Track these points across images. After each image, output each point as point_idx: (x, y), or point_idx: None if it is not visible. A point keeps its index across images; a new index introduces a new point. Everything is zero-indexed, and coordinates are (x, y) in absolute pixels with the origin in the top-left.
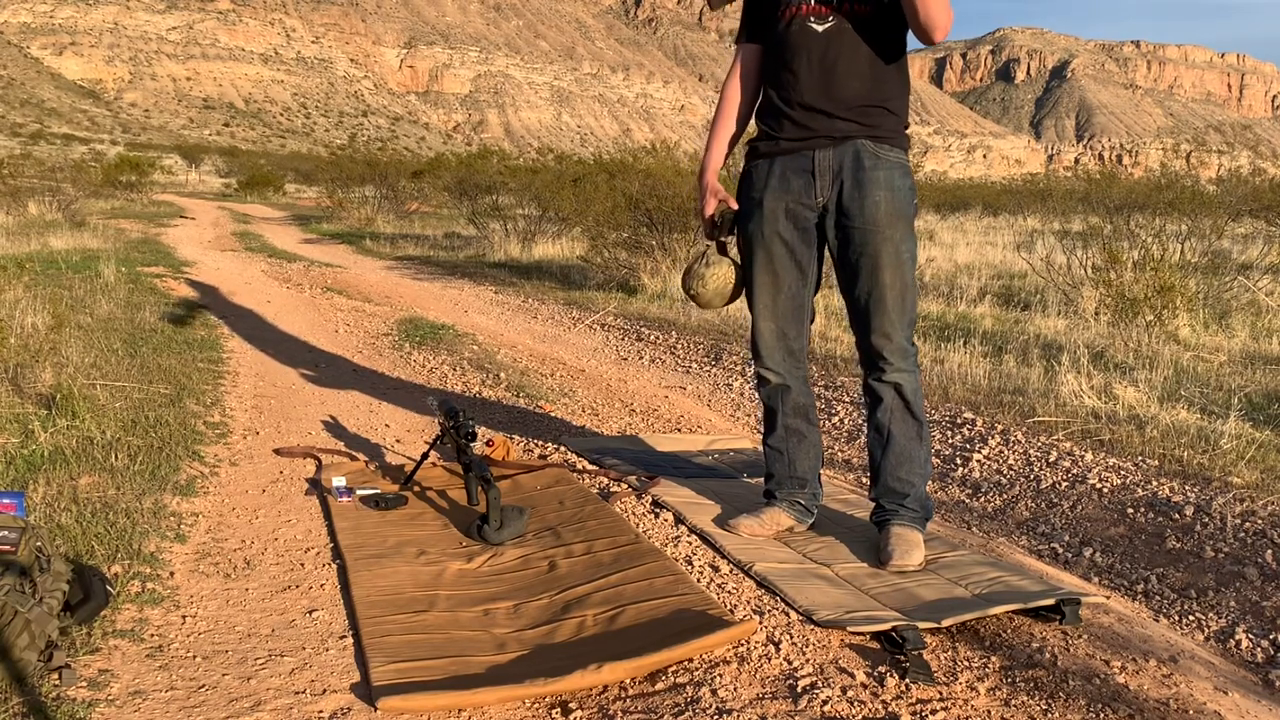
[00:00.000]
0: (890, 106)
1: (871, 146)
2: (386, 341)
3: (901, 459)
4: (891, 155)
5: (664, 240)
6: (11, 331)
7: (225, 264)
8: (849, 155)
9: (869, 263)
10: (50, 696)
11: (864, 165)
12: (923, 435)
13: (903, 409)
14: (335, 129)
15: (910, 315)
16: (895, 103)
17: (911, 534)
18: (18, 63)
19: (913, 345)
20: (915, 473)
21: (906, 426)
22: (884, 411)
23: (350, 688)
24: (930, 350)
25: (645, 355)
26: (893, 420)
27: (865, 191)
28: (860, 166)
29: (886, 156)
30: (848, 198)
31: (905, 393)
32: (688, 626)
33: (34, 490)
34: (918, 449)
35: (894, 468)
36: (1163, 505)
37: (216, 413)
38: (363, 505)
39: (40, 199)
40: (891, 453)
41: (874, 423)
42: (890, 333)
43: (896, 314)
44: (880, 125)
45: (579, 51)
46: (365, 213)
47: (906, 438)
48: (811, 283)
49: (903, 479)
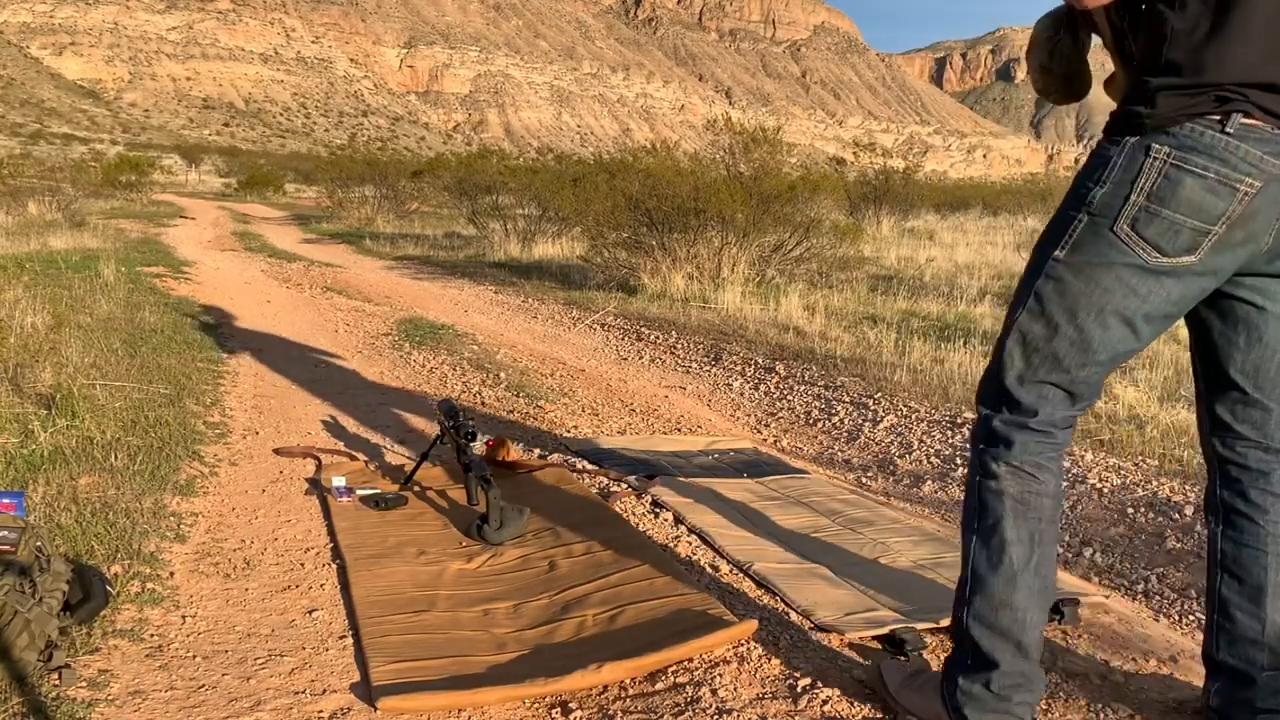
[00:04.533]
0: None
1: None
2: (386, 341)
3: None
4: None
5: (664, 240)
6: (11, 331)
7: (225, 264)
8: None
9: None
10: (50, 696)
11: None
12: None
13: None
14: (335, 129)
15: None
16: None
17: None
18: (17, 62)
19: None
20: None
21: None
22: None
23: (350, 688)
24: (930, 350)
25: (645, 355)
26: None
27: None
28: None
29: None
30: None
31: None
32: (687, 626)
33: (34, 490)
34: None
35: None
36: (1163, 505)
37: (216, 413)
38: (363, 505)
39: (40, 199)
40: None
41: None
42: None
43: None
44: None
45: (579, 51)
46: (365, 212)
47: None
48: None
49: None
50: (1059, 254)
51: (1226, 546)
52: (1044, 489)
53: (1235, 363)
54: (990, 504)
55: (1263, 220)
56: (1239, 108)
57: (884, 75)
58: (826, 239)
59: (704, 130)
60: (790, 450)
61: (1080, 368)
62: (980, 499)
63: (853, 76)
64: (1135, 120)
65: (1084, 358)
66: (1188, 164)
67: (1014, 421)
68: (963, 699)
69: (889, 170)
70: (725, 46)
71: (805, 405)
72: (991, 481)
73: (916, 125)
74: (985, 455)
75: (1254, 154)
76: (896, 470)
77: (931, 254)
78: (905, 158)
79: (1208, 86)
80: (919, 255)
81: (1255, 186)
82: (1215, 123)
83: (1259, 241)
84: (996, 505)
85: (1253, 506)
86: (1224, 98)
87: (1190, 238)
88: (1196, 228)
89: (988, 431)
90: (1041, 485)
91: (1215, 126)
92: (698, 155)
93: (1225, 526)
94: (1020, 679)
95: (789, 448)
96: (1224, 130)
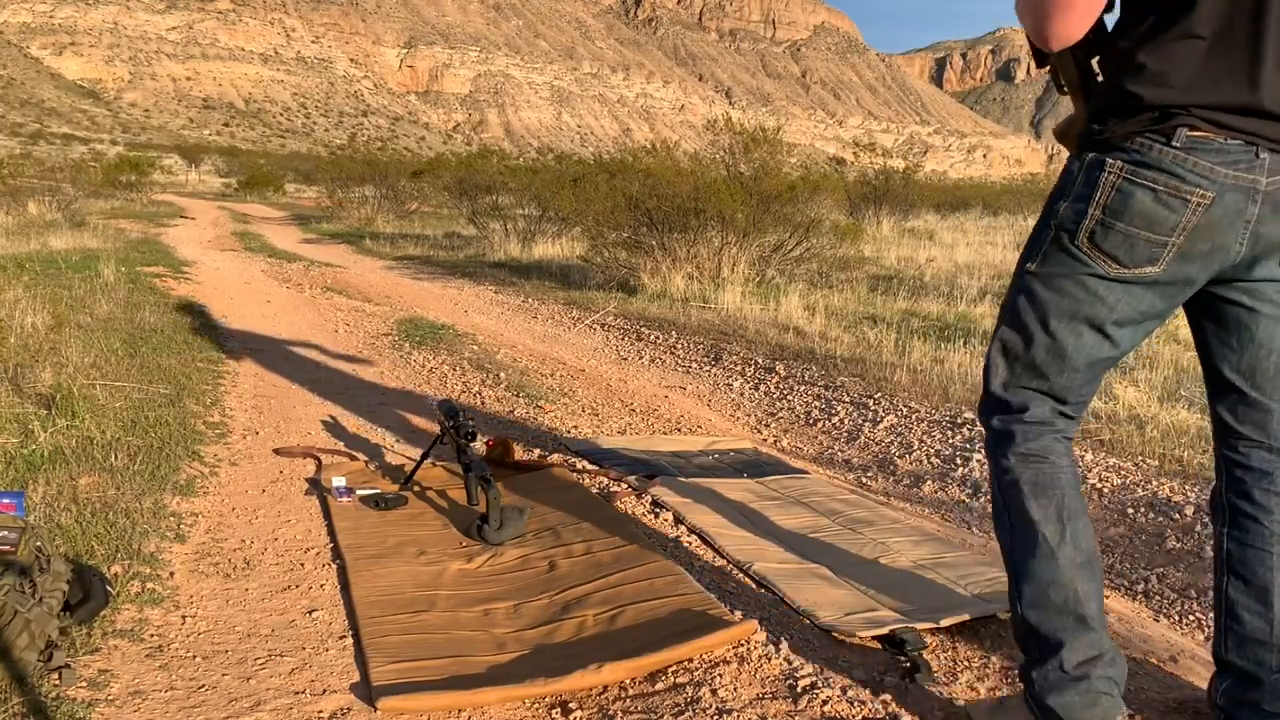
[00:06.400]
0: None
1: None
2: (386, 341)
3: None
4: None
5: (664, 240)
6: (11, 331)
7: (225, 264)
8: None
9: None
10: (50, 696)
11: None
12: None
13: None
14: (335, 129)
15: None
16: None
17: None
18: (18, 62)
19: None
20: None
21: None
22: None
23: (350, 688)
24: (930, 350)
25: (645, 355)
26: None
27: None
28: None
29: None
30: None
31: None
32: (688, 626)
33: (34, 490)
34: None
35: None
36: (1163, 505)
37: (216, 413)
38: (363, 505)
39: (40, 199)
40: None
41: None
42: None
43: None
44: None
45: (579, 51)
46: (365, 213)
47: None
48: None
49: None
50: (1031, 266)
51: (1232, 547)
52: (1057, 467)
53: (1230, 364)
54: (1009, 494)
55: (1228, 230)
56: (1183, 122)
57: (884, 75)
58: (826, 239)
59: (704, 130)
60: (790, 450)
61: (1059, 374)
62: (1001, 494)
63: (853, 76)
64: (1094, 138)
65: (1061, 364)
66: (1139, 177)
67: (1010, 419)
68: (1041, 690)
69: (889, 170)
70: (725, 46)
71: (805, 405)
72: (1005, 475)
73: (916, 125)
74: (994, 454)
75: (1203, 165)
76: (896, 470)
77: (931, 254)
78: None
79: (1154, 104)
80: (919, 255)
81: (1208, 197)
82: (1162, 138)
83: (1229, 251)
84: (1015, 493)
85: (1257, 507)
86: (1169, 113)
87: (1147, 249)
88: (1152, 239)
89: (991, 434)
90: (1052, 464)
91: (1162, 141)
92: (698, 155)
93: (1230, 527)
94: (1091, 651)
95: (789, 448)
96: (1170, 144)
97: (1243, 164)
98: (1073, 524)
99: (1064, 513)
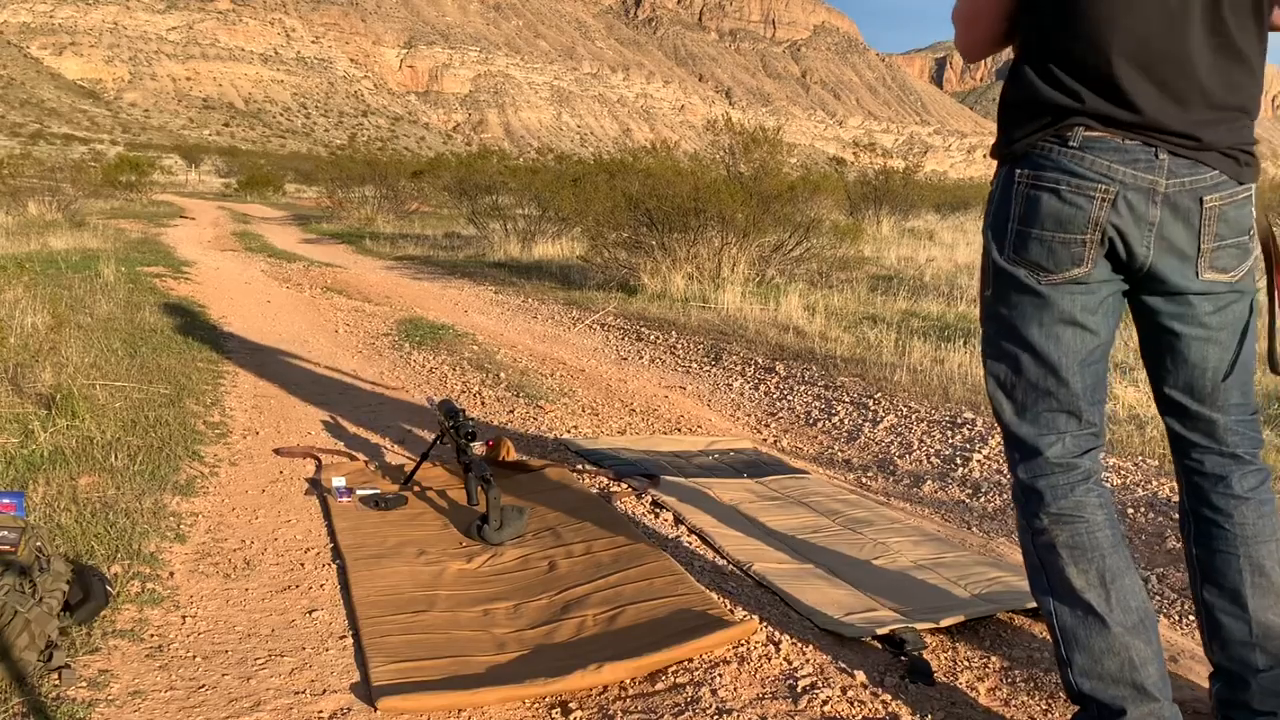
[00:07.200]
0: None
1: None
2: (386, 341)
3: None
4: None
5: (664, 240)
6: (11, 331)
7: (225, 264)
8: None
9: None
10: (50, 696)
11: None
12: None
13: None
14: (335, 129)
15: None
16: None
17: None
18: (18, 63)
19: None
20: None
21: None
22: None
23: (350, 688)
24: (930, 350)
25: (645, 355)
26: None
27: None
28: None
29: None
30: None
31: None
32: (688, 626)
33: (34, 490)
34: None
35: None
36: (1163, 505)
37: (216, 413)
38: (363, 505)
39: (40, 199)
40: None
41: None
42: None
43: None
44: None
45: (579, 51)
46: (365, 213)
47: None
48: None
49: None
50: (988, 293)
51: (1201, 554)
52: (1093, 526)
53: (1169, 383)
54: (1047, 559)
55: (1133, 229)
56: (1078, 122)
57: (884, 75)
58: (826, 239)
59: (704, 130)
60: (790, 450)
61: (1059, 386)
62: (1038, 557)
63: (853, 76)
64: (1002, 150)
65: (1056, 375)
66: (1042, 181)
67: (1034, 470)
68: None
69: (889, 170)
70: (725, 46)
71: (805, 405)
72: (1041, 536)
73: (916, 125)
74: (1026, 514)
75: (1101, 163)
76: (896, 470)
77: (931, 254)
78: (905, 158)
79: (1049, 108)
80: (919, 255)
81: (1111, 193)
82: (1060, 139)
83: (1136, 257)
84: (1053, 558)
85: (1217, 512)
86: (1063, 114)
87: (1066, 251)
88: (1066, 239)
89: (1019, 490)
90: (1088, 524)
91: (1059, 142)
92: (698, 155)
93: (1196, 534)
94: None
95: (789, 448)
96: (1068, 145)
97: (1142, 163)
98: (1117, 586)
99: (1106, 576)
